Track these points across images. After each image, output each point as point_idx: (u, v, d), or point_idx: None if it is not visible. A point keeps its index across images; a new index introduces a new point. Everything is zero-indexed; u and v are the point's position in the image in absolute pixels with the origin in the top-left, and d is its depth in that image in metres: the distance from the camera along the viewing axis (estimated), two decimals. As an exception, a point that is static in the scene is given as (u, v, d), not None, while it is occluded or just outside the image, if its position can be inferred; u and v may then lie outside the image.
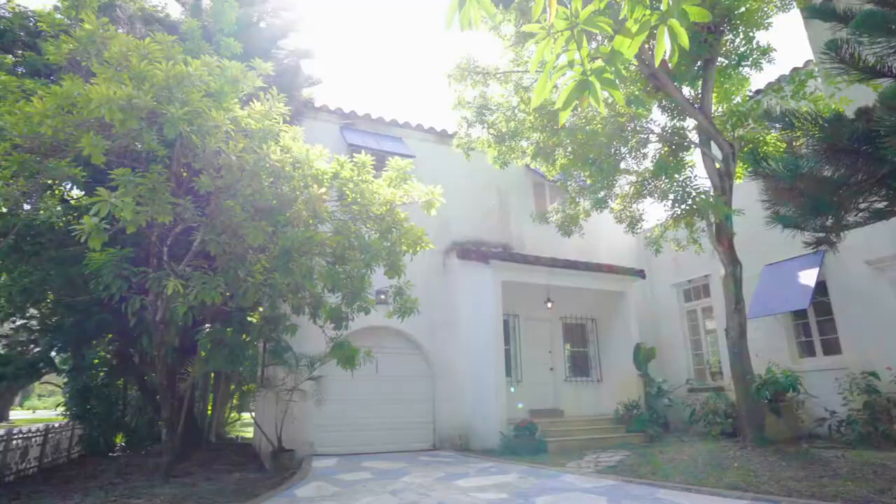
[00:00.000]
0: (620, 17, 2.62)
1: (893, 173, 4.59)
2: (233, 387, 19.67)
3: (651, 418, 10.41)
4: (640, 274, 12.21)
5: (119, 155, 6.20)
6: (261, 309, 11.23)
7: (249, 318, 12.20)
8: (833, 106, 7.54)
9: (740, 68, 8.95)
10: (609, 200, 9.93)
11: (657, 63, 6.86)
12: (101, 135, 4.96)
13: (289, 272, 6.62)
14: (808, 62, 9.81)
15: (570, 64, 2.70)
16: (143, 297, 6.87)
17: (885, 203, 5.63)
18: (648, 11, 2.50)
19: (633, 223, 9.93)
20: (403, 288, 7.42)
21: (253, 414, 14.71)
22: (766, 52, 8.71)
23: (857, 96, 6.77)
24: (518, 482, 6.63)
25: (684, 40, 2.50)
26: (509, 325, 11.90)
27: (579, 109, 9.49)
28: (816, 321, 9.75)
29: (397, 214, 6.24)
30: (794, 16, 8.90)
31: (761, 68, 8.90)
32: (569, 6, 2.58)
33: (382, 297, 9.12)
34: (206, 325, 8.01)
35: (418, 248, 6.29)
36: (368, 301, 7.25)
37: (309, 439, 9.57)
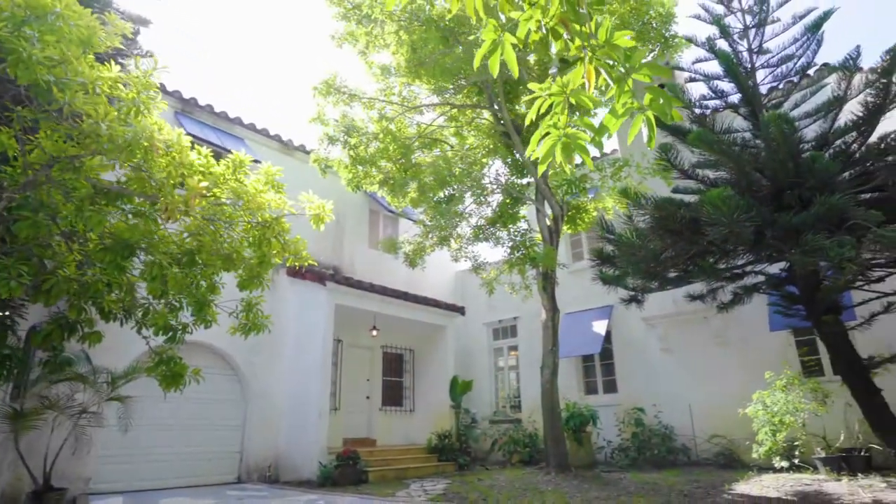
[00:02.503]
0: (607, 98, 3.08)
1: (701, 253, 5.99)
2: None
3: (461, 448, 11.10)
4: (461, 311, 13.13)
5: None
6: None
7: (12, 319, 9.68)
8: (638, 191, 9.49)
9: (570, 145, 10.60)
10: (451, 240, 10.61)
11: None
12: None
13: (121, 269, 5.58)
14: (614, 150, 12.07)
15: (555, 125, 3.09)
16: None
17: (677, 274, 7.23)
18: (632, 100, 3.01)
19: (476, 265, 10.72)
20: (253, 302, 6.80)
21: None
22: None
23: (654, 187, 8.64)
24: (359, 513, 6.47)
25: (654, 131, 3.06)
26: (333, 351, 11.60)
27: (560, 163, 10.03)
28: (600, 364, 11.72)
29: (282, 224, 5.76)
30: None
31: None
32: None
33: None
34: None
35: (297, 263, 5.88)
36: (211, 314, 6.45)
37: (86, 474, 7.86)
